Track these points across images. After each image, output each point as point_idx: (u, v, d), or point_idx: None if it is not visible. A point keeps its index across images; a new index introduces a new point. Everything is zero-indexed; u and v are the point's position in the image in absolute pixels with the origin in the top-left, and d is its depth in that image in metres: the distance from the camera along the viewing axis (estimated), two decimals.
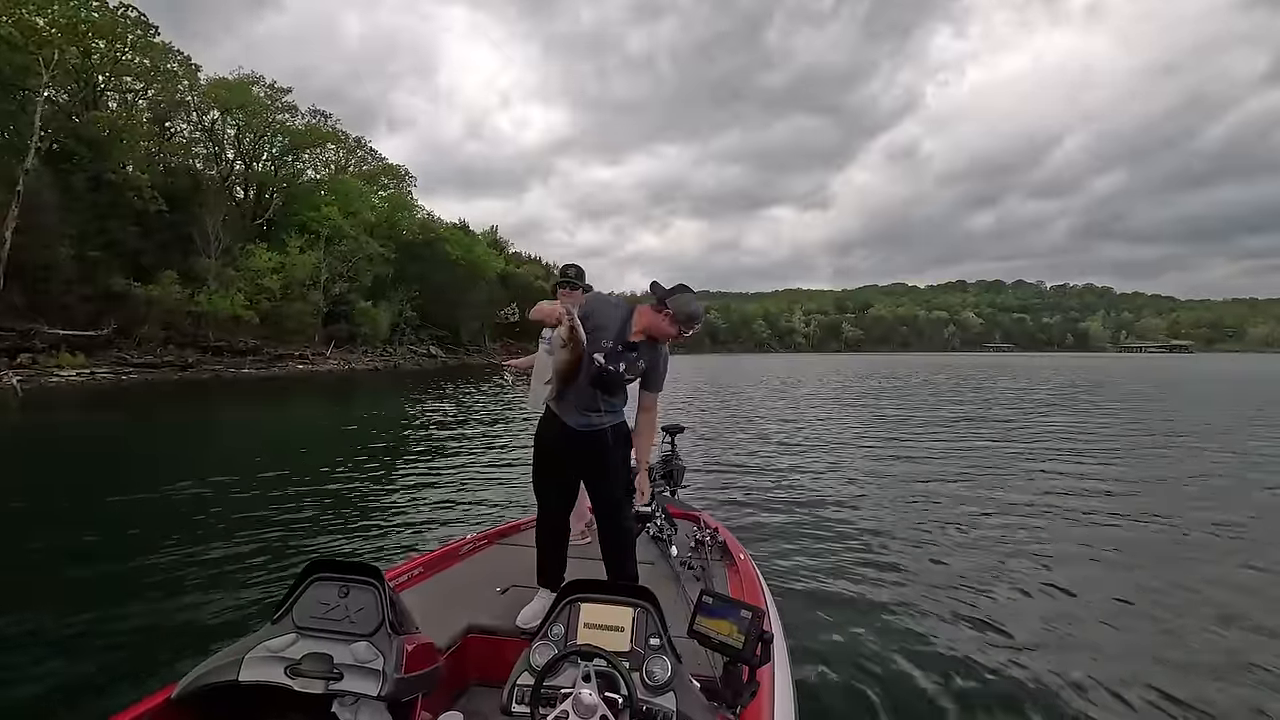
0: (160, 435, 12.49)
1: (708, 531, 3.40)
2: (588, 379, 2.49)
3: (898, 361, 76.03)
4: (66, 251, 27.73)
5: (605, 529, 2.70)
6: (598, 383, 2.51)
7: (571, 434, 2.57)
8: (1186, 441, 11.23)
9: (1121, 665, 3.25)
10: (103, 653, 3.28)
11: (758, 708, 1.75)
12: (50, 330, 26.67)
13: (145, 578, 4.36)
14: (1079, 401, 19.78)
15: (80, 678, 3.03)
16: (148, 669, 3.08)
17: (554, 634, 1.76)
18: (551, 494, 2.69)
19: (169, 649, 3.30)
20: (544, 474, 2.70)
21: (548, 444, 2.65)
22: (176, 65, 38.26)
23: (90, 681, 2.99)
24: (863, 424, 14.23)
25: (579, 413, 2.56)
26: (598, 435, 2.56)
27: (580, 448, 2.58)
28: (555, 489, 2.69)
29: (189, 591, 4.11)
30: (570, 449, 2.59)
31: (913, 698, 2.95)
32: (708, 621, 1.78)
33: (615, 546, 2.67)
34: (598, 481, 2.66)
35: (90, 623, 3.62)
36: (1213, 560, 4.92)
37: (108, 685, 2.95)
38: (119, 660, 3.20)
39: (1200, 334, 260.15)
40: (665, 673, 1.61)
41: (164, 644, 3.37)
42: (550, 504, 2.68)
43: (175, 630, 3.56)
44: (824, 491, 7.27)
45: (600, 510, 2.68)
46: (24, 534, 5.40)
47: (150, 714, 1.56)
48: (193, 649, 3.22)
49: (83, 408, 17.53)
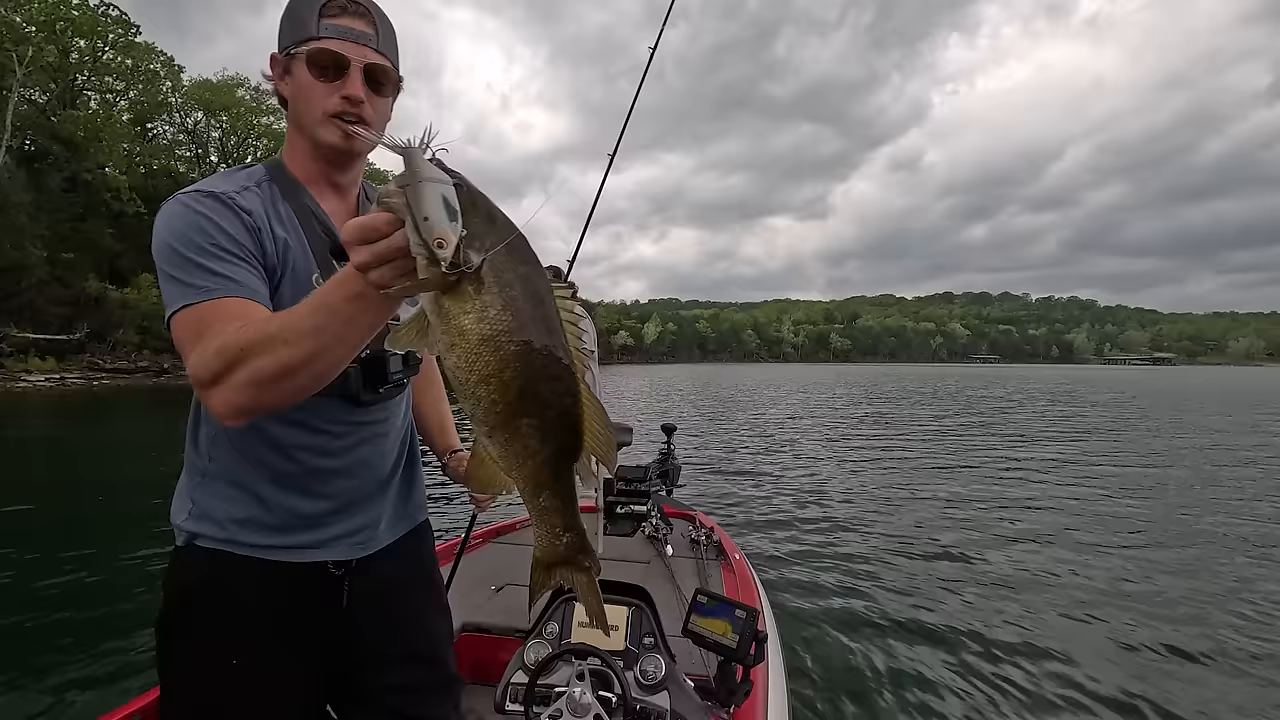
0: (134, 440, 12.05)
1: (703, 530, 3.38)
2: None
3: (886, 373, 77.06)
4: (38, 253, 26.92)
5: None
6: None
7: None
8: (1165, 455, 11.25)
9: (1120, 664, 3.30)
10: (90, 654, 3.27)
11: (751, 707, 1.74)
12: (19, 334, 25.82)
13: (138, 578, 4.36)
14: (1063, 410, 19.90)
15: (67, 679, 3.03)
16: (138, 669, 3.08)
17: (548, 632, 1.77)
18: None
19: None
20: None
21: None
22: (159, 66, 37.71)
23: (79, 682, 3.00)
24: (858, 429, 14.37)
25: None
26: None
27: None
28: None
29: None
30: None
31: (906, 697, 2.96)
32: (702, 620, 1.76)
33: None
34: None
35: (80, 624, 3.63)
36: (1217, 568, 4.90)
37: (97, 686, 2.96)
38: (107, 661, 3.19)
39: (1183, 347, 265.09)
40: (659, 671, 1.61)
41: (152, 644, 3.13)
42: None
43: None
44: (819, 493, 7.41)
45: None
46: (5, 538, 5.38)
47: (141, 713, 1.55)
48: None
49: (51, 414, 16.89)
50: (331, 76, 0.94)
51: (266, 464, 0.98)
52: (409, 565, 1.18)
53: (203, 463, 1.00)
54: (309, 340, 0.70)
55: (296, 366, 0.71)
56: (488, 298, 0.57)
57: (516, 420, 0.60)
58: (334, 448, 1.02)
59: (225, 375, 0.74)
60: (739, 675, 1.74)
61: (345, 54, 0.93)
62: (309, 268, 0.98)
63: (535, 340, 0.58)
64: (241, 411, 0.76)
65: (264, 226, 0.94)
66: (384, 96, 0.99)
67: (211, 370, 0.75)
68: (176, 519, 1.00)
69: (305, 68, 0.93)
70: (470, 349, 0.57)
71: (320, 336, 0.69)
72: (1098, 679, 3.13)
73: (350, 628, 1.07)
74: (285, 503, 0.99)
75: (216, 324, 0.80)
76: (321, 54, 0.93)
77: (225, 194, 0.92)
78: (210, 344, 0.77)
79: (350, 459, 1.04)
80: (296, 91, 0.97)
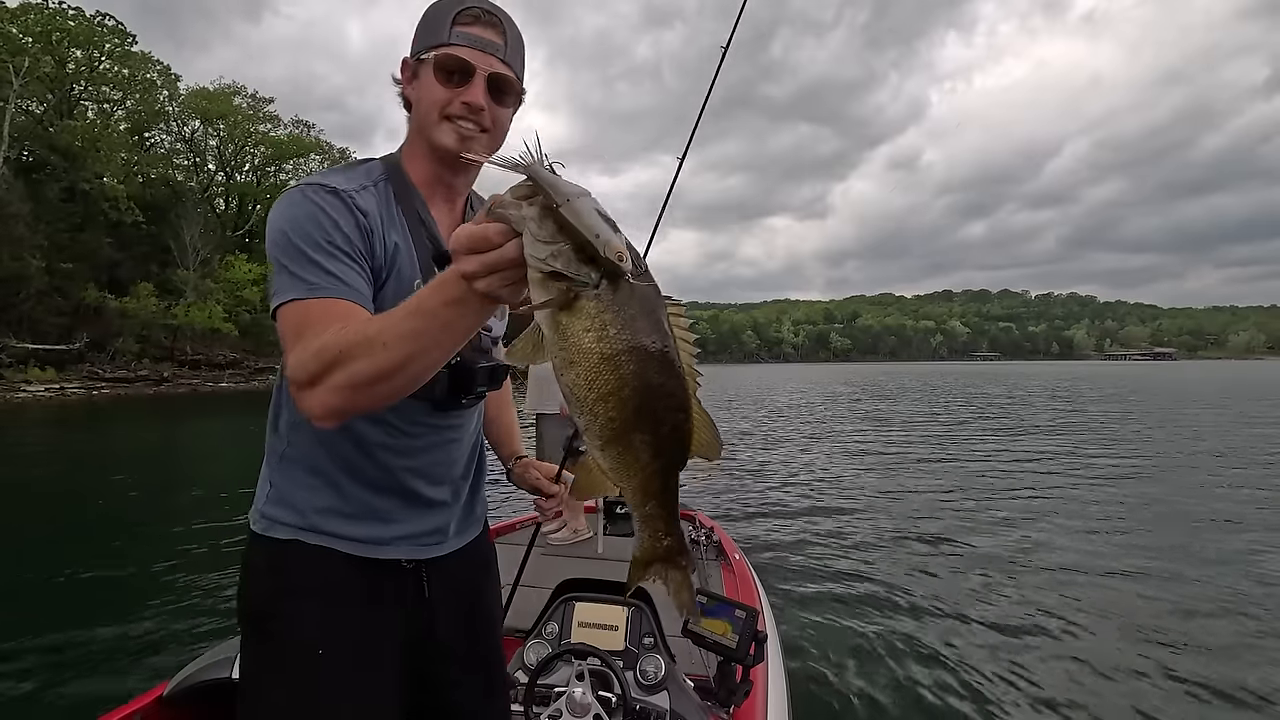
0: (133, 448, 12.04)
1: (703, 530, 3.35)
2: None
3: (887, 372, 77.09)
4: (37, 263, 26.90)
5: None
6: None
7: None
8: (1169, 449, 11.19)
9: (1118, 662, 3.26)
10: (91, 653, 3.30)
11: (751, 707, 1.74)
12: (18, 344, 25.79)
13: (135, 581, 4.42)
14: (1063, 407, 19.88)
15: (69, 678, 3.04)
16: (138, 668, 3.11)
17: (548, 632, 1.77)
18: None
19: (159, 649, 3.36)
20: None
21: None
22: (156, 75, 37.78)
23: (80, 681, 3.01)
24: (857, 429, 14.33)
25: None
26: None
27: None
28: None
29: (180, 591, 4.16)
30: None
31: (905, 697, 2.96)
32: (702, 621, 1.75)
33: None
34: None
35: (80, 624, 3.64)
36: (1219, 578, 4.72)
37: (97, 685, 2.97)
38: (108, 660, 3.22)
39: (1183, 341, 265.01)
40: (658, 672, 1.61)
41: (155, 644, 3.43)
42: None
43: (166, 630, 3.59)
44: (820, 493, 7.39)
45: None
46: (5, 543, 5.49)
47: (141, 713, 1.55)
48: (183, 649, 3.30)
49: (51, 424, 16.90)
50: (456, 82, 0.95)
51: (344, 456, 1.00)
52: (478, 568, 1.21)
53: (281, 445, 1.02)
54: (406, 344, 0.69)
55: (393, 370, 0.71)
56: (608, 315, 0.56)
57: (631, 435, 0.60)
58: (411, 448, 1.03)
59: (323, 377, 0.73)
60: (739, 675, 1.74)
61: (472, 61, 0.94)
62: (413, 273, 0.98)
63: (654, 359, 0.57)
64: (336, 413, 0.76)
65: (377, 229, 0.94)
66: (505, 106, 1.00)
67: (309, 372, 0.74)
68: (258, 501, 1.03)
69: (432, 72, 0.95)
70: (591, 367, 0.57)
71: (418, 340, 0.69)
72: (1097, 679, 3.09)
73: (425, 625, 1.08)
74: (361, 495, 1.01)
75: (319, 324, 0.80)
76: (449, 59, 0.94)
77: (346, 192, 0.92)
78: (310, 345, 0.76)
79: (425, 460, 1.06)
80: (420, 94, 0.98)
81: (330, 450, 0.99)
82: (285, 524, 0.98)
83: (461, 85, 0.95)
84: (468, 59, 0.94)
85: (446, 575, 1.11)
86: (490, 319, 0.87)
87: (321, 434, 0.98)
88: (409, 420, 1.02)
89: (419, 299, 0.68)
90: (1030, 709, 2.84)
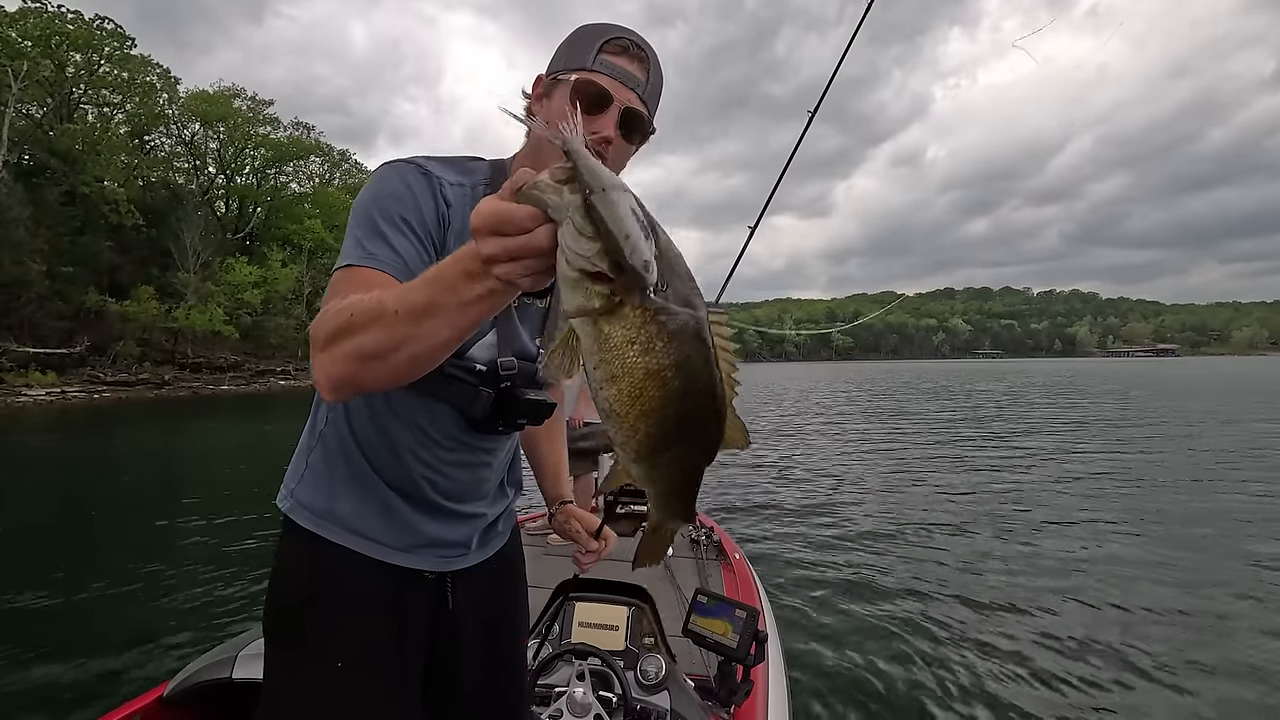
0: (134, 451, 12.04)
1: (703, 530, 3.35)
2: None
3: (888, 370, 77.08)
4: (37, 267, 26.93)
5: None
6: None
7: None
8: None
9: (1123, 662, 3.23)
10: (93, 653, 3.31)
11: (751, 707, 1.74)
12: (19, 348, 25.83)
13: (135, 581, 4.41)
14: (1066, 403, 19.82)
15: (70, 678, 3.06)
16: (138, 668, 3.14)
17: (549, 633, 1.77)
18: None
19: (160, 649, 3.37)
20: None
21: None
22: (155, 78, 37.80)
23: (81, 681, 3.03)
24: (857, 428, 14.35)
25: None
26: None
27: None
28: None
29: (180, 593, 4.19)
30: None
31: (905, 698, 2.94)
32: (702, 621, 1.75)
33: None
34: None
35: (81, 625, 3.69)
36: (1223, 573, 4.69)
37: (97, 685, 2.99)
38: (110, 660, 3.23)
39: (1185, 337, 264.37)
40: (659, 671, 1.60)
41: (155, 644, 3.44)
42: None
43: (166, 631, 3.59)
44: (820, 493, 7.38)
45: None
46: (7, 545, 5.54)
47: (142, 713, 1.55)
48: (184, 649, 3.32)
49: (52, 428, 16.89)
50: (589, 109, 0.89)
51: (377, 452, 0.99)
52: (504, 580, 1.19)
53: (320, 427, 1.02)
54: (417, 316, 0.64)
55: (399, 343, 0.66)
56: (653, 327, 0.50)
57: (668, 451, 0.57)
58: (441, 460, 1.02)
59: (334, 341, 0.69)
60: (739, 675, 1.74)
61: (611, 91, 0.90)
62: None
63: (699, 375, 0.52)
64: (339, 384, 0.71)
65: (455, 225, 0.91)
66: (630, 144, 0.95)
67: (326, 331, 0.70)
68: (289, 481, 1.02)
69: (569, 94, 0.90)
70: (635, 383, 0.52)
71: (430, 314, 0.63)
72: (1100, 679, 3.06)
73: (447, 636, 1.07)
74: (386, 497, 1.00)
75: (358, 289, 0.76)
76: (589, 85, 0.90)
77: (438, 179, 0.90)
78: (333, 305, 0.72)
79: (453, 475, 1.04)
80: (550, 114, 0.93)
81: (365, 444, 0.99)
82: (310, 509, 0.98)
83: (593, 114, 0.90)
84: (607, 88, 0.90)
85: (472, 586, 1.10)
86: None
87: (356, 423, 0.99)
88: (443, 432, 1.00)
89: (438, 269, 0.63)
90: (1031, 709, 2.82)
